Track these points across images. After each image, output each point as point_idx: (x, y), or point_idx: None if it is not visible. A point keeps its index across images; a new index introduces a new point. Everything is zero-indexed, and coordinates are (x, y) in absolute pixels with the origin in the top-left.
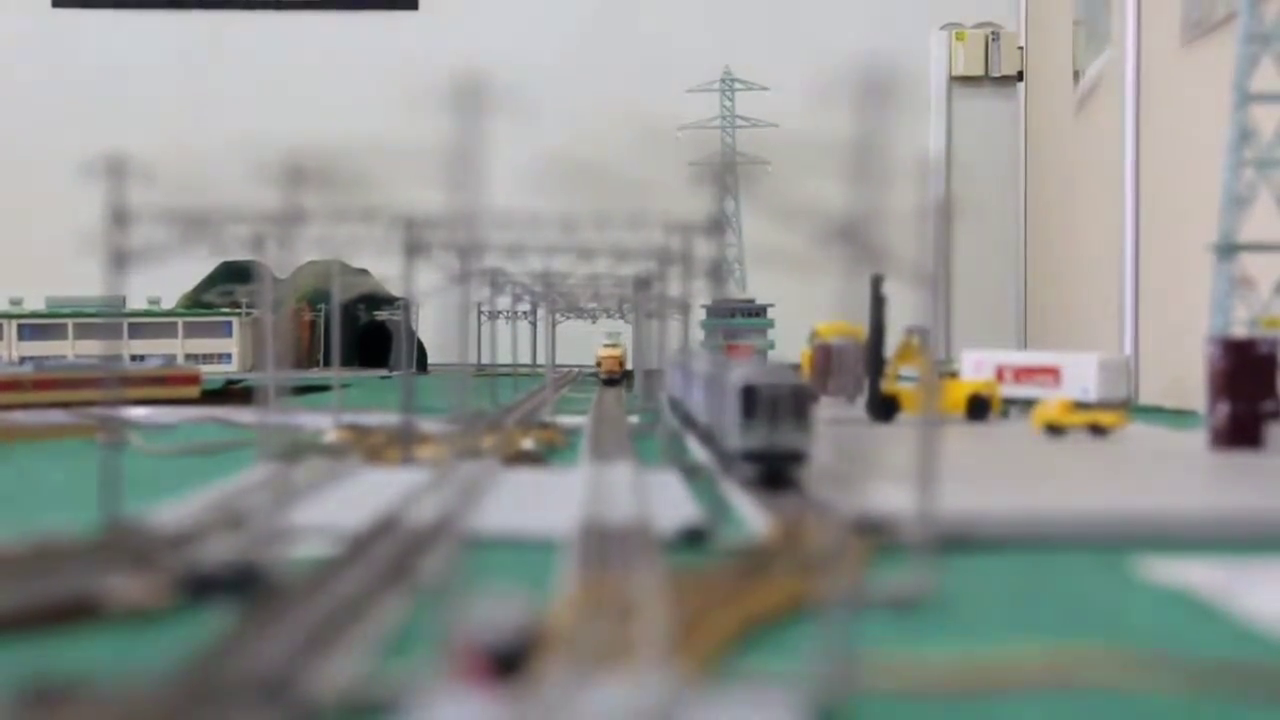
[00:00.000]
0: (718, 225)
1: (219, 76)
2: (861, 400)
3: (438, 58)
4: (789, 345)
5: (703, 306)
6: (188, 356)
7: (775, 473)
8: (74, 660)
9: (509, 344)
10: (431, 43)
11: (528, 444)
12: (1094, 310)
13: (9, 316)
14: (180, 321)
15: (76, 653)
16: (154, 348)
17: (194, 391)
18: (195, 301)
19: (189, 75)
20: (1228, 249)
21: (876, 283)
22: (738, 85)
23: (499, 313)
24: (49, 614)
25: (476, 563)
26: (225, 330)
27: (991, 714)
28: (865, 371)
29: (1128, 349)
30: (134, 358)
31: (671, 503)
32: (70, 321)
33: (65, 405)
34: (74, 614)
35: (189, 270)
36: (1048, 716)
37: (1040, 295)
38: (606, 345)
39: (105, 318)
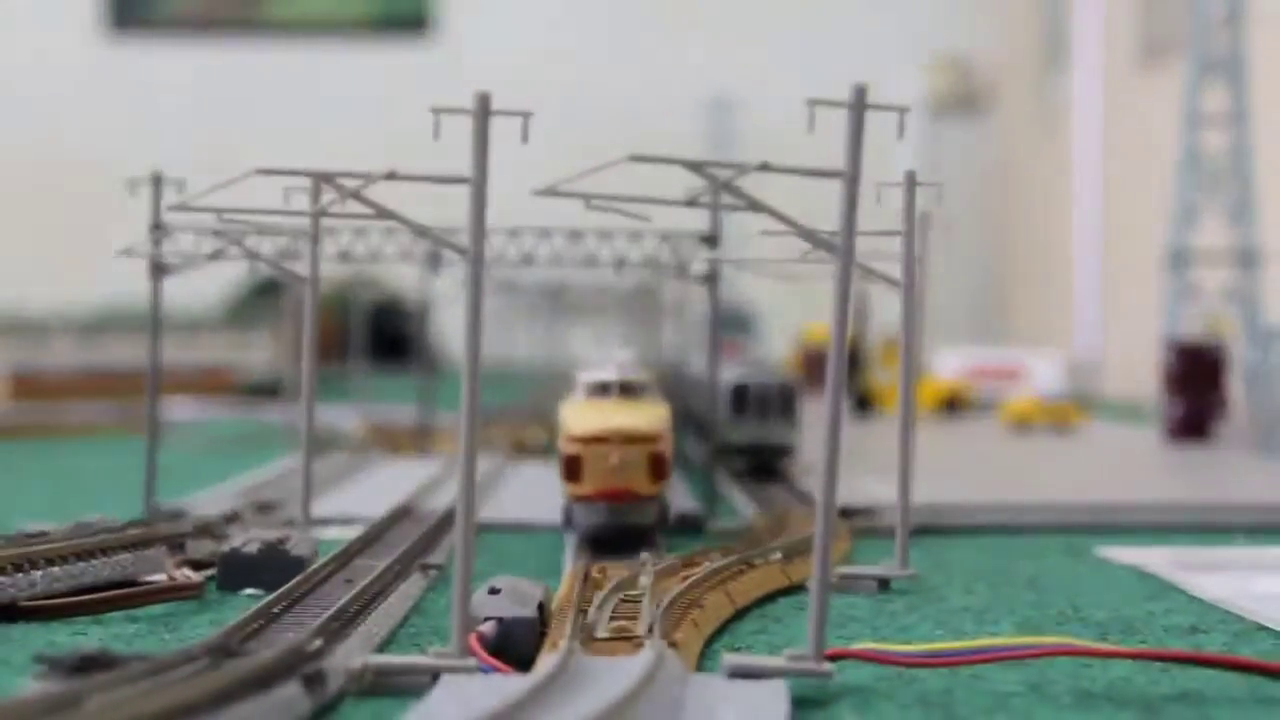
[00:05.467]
0: (712, 237)
1: (249, 100)
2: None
3: (452, 79)
4: (779, 347)
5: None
6: (224, 358)
7: (764, 464)
8: (114, 640)
9: (516, 346)
10: (442, 63)
11: (533, 439)
12: (1060, 313)
13: (59, 319)
14: (217, 325)
15: (117, 632)
16: (193, 349)
17: (230, 390)
18: (232, 307)
19: (221, 98)
20: (1176, 258)
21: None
22: (732, 105)
23: (510, 317)
24: (92, 597)
25: (488, 549)
26: (258, 334)
27: (969, 689)
28: (849, 372)
29: (1092, 349)
30: (175, 360)
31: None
32: (116, 325)
33: (110, 402)
34: (115, 597)
35: (225, 278)
36: (1023, 693)
37: (1010, 299)
38: (595, 396)
39: (147, 321)
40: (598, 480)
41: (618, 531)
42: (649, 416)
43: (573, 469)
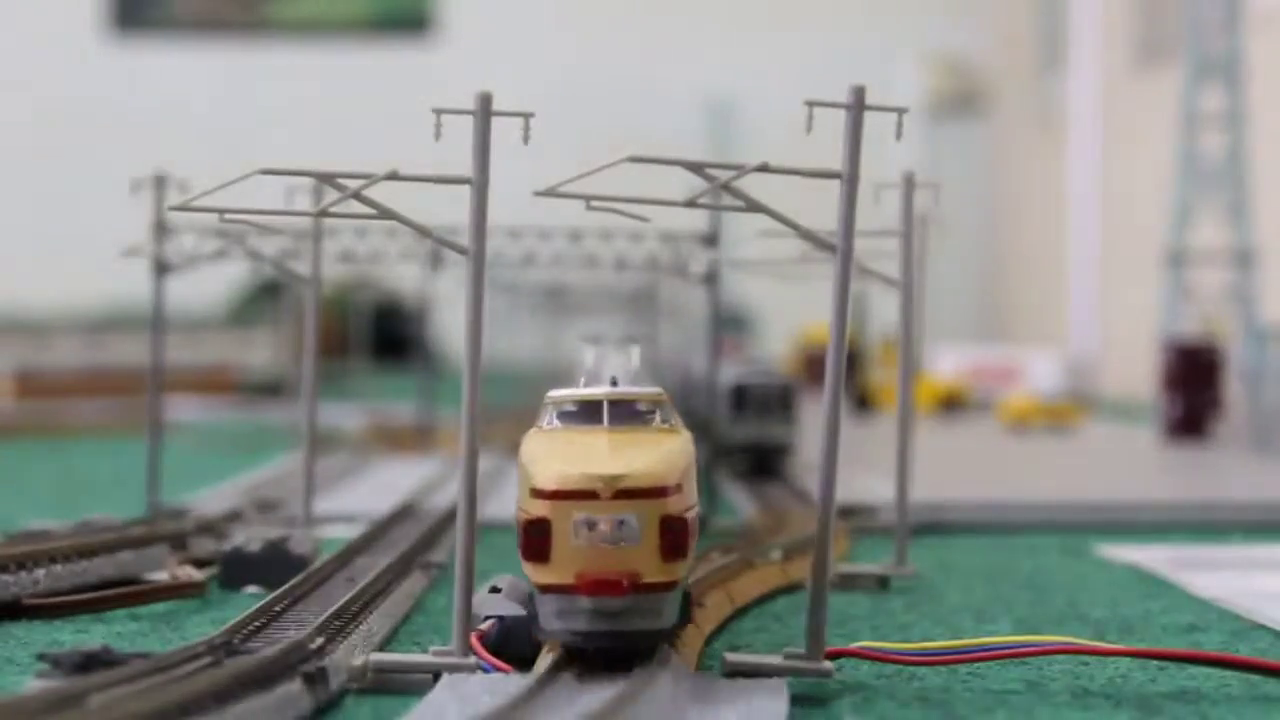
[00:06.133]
0: (712, 238)
1: (250, 100)
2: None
3: (452, 79)
4: (779, 347)
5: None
6: (226, 358)
7: (763, 464)
8: (116, 638)
9: (516, 346)
10: (443, 63)
11: None
12: (1057, 312)
13: (63, 318)
14: (220, 325)
15: (119, 630)
16: (195, 348)
17: (232, 389)
18: (234, 307)
19: (223, 98)
20: (1174, 258)
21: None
22: (731, 105)
23: (511, 317)
24: (95, 595)
25: (489, 547)
26: (260, 333)
27: (968, 687)
28: (848, 371)
29: (1089, 348)
30: (177, 359)
31: None
32: (119, 324)
33: (113, 401)
34: (118, 596)
35: (228, 278)
36: (1021, 691)
37: (1008, 298)
38: (575, 425)
39: (150, 320)
40: (577, 561)
41: (610, 641)
42: (660, 456)
43: (537, 542)
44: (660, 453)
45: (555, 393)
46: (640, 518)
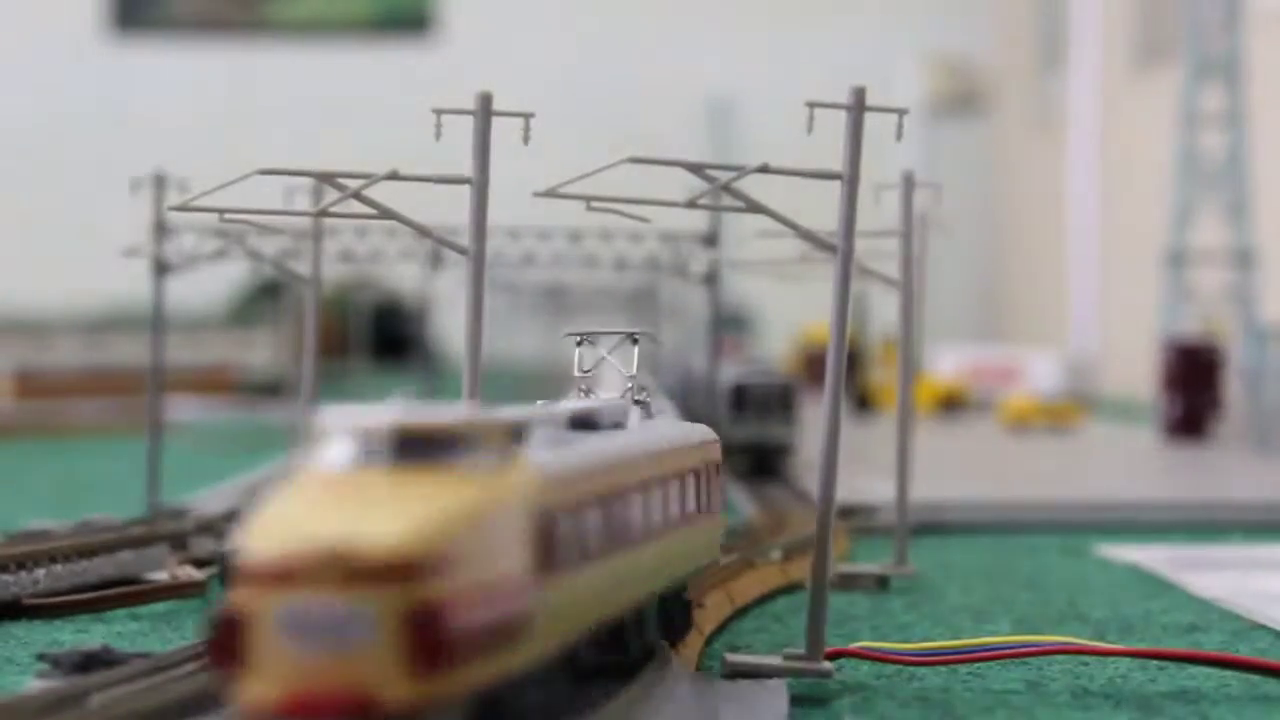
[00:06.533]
0: (712, 238)
1: (251, 100)
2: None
3: (453, 79)
4: (779, 347)
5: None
6: (226, 357)
7: (764, 464)
8: (116, 638)
9: (516, 345)
10: (443, 63)
11: None
12: (1057, 312)
13: (63, 318)
14: (220, 325)
15: (119, 629)
16: (195, 348)
17: (231, 389)
18: (234, 307)
19: (223, 98)
20: (1173, 258)
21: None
22: (731, 106)
23: (511, 317)
24: (95, 595)
25: None
26: (260, 333)
27: (967, 687)
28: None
29: (1089, 348)
30: (177, 358)
31: None
32: (119, 324)
33: (113, 401)
34: (118, 595)
35: (228, 278)
36: (1021, 691)
37: (1007, 298)
38: (354, 468)
39: (150, 320)
40: (281, 672)
41: None
42: (427, 515)
43: (228, 643)
44: (431, 510)
45: (329, 415)
46: (376, 609)
